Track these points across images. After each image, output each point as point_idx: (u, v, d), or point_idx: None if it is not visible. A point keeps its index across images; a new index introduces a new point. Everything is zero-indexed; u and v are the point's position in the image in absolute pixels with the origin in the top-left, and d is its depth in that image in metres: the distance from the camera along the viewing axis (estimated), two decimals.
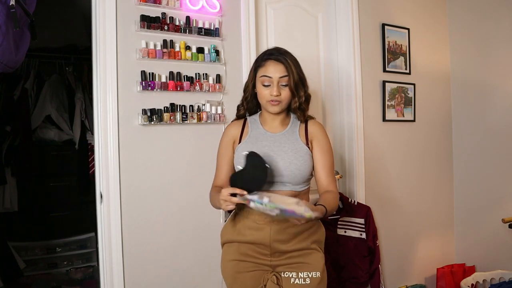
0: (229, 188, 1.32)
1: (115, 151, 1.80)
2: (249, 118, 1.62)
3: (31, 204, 3.20)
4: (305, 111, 1.56)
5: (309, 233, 1.51)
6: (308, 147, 1.53)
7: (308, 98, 1.56)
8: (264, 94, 1.49)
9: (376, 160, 2.57)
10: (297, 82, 1.49)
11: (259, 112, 1.63)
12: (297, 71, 1.50)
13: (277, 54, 1.49)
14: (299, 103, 1.52)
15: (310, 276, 1.48)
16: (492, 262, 2.71)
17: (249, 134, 1.56)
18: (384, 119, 2.62)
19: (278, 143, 1.52)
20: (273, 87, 1.47)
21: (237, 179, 1.35)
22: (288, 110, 1.59)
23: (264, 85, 1.49)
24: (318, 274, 1.49)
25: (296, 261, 1.48)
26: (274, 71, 1.47)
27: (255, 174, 1.35)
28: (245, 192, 1.29)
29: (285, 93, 1.49)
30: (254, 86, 1.54)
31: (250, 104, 1.60)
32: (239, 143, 1.55)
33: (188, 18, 1.95)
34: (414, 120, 2.78)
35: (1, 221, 3.03)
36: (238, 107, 1.63)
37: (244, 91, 1.60)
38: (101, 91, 1.79)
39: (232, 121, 1.65)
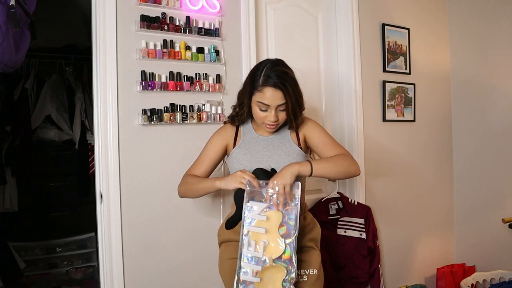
0: (250, 175, 1.37)
1: (115, 151, 1.80)
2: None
3: (31, 204, 3.19)
4: (299, 126, 1.56)
5: (305, 232, 1.54)
6: (300, 147, 1.55)
7: (302, 114, 1.54)
8: (261, 116, 1.46)
9: (376, 160, 2.57)
10: (295, 107, 1.45)
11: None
12: (295, 95, 1.44)
13: (276, 79, 1.39)
14: (295, 124, 1.51)
15: (307, 273, 1.51)
16: (492, 262, 2.72)
17: (242, 139, 1.56)
18: (384, 119, 2.62)
19: (271, 146, 1.53)
20: (270, 112, 1.44)
21: (259, 174, 1.42)
22: None
23: (261, 110, 1.45)
24: (315, 271, 1.51)
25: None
26: (272, 98, 1.41)
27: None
28: (257, 186, 1.35)
29: (282, 116, 1.47)
30: (249, 103, 1.48)
31: (245, 118, 1.56)
32: (233, 147, 1.56)
33: (188, 18, 1.95)
34: (414, 120, 2.78)
35: (1, 221, 3.03)
36: (233, 118, 1.57)
37: (239, 105, 1.52)
38: (101, 91, 1.79)
39: (225, 123, 1.63)
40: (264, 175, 1.41)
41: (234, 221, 1.47)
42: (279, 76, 1.40)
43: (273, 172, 1.46)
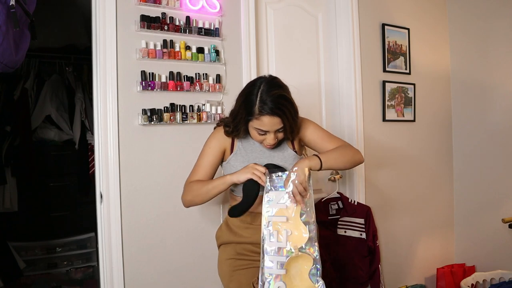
0: (263, 168, 1.38)
1: (115, 151, 1.80)
2: None
3: (31, 204, 3.19)
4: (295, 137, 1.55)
5: None
6: (295, 151, 1.55)
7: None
8: (259, 139, 1.45)
9: (376, 160, 2.57)
10: (292, 126, 1.43)
11: None
12: (292, 116, 1.40)
13: (272, 105, 1.35)
14: (292, 137, 1.51)
15: None
16: (492, 262, 2.72)
17: (238, 145, 1.54)
18: (384, 119, 2.62)
19: (268, 153, 1.53)
20: (269, 136, 1.42)
21: (271, 167, 1.43)
22: None
23: (260, 134, 1.42)
24: None
25: None
26: (270, 125, 1.38)
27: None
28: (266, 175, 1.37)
29: (281, 136, 1.45)
30: (246, 127, 1.45)
31: (241, 134, 1.50)
32: (230, 152, 1.54)
33: (188, 18, 1.95)
34: (414, 120, 2.78)
35: (1, 221, 3.02)
36: (227, 132, 1.51)
37: (234, 127, 1.46)
38: (101, 91, 1.79)
39: (218, 125, 1.59)
40: (276, 168, 1.42)
41: (241, 210, 1.44)
42: (275, 101, 1.35)
43: (283, 168, 1.46)
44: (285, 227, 1.32)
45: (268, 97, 1.36)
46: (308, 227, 1.32)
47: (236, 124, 1.45)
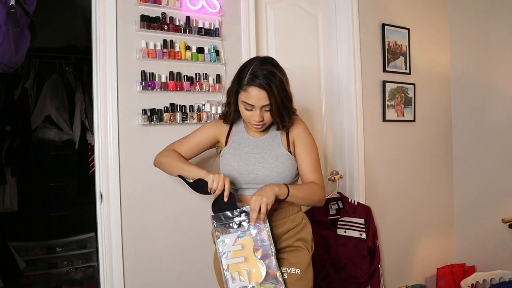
0: (228, 183, 1.40)
1: (115, 151, 1.80)
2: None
3: (31, 204, 3.19)
4: (288, 126, 1.53)
5: (294, 232, 1.53)
6: (290, 151, 1.53)
7: (292, 114, 1.51)
8: (246, 116, 1.46)
9: (376, 160, 2.57)
10: (280, 107, 1.42)
11: None
12: (281, 96, 1.40)
13: (261, 78, 1.37)
14: (282, 125, 1.49)
15: (288, 271, 1.48)
16: (492, 262, 2.72)
17: (233, 138, 1.57)
18: (384, 119, 2.62)
19: (260, 148, 1.52)
20: (255, 112, 1.42)
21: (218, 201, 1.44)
22: None
23: (247, 109, 1.44)
24: (298, 271, 1.48)
25: (278, 257, 1.47)
26: (257, 98, 1.39)
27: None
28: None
29: (268, 116, 1.44)
30: (236, 102, 1.48)
31: (236, 118, 1.55)
32: (225, 144, 1.57)
33: (188, 18, 1.95)
34: (414, 120, 2.78)
35: (1, 221, 3.03)
36: (223, 116, 1.58)
37: (227, 104, 1.53)
38: (101, 91, 1.79)
39: (220, 118, 1.63)
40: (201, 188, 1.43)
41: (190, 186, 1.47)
42: (265, 75, 1.37)
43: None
44: (243, 266, 1.36)
45: (259, 70, 1.38)
46: (264, 262, 1.36)
47: (229, 101, 1.50)
